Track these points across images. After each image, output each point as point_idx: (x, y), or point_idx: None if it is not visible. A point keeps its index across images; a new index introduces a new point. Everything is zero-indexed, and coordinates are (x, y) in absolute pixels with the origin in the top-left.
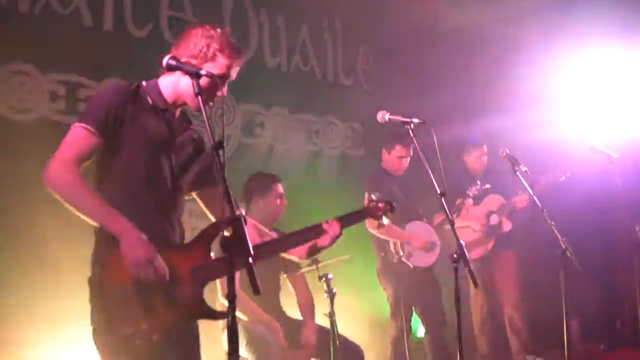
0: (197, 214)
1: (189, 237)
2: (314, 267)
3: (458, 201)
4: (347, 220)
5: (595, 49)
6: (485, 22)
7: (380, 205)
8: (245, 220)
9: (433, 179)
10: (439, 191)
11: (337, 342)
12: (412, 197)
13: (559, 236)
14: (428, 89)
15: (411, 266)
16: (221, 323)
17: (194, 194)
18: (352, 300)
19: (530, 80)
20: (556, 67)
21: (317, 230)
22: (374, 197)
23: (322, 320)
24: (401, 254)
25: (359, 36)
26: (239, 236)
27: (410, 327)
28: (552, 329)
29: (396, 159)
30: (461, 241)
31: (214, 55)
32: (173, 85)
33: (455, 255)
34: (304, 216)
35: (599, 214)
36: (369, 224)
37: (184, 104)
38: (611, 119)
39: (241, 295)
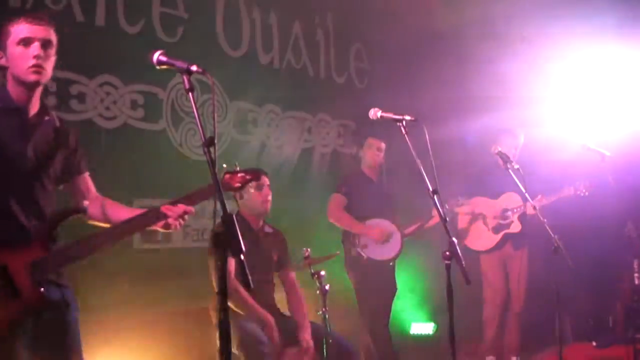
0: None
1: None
2: (305, 263)
3: (434, 211)
4: (199, 195)
5: (588, 47)
6: (478, 20)
7: (237, 176)
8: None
9: (425, 176)
10: (430, 188)
11: (330, 339)
12: (384, 200)
13: (552, 234)
14: (421, 87)
15: (365, 257)
16: (215, 320)
17: (61, 187)
18: (345, 295)
19: (523, 78)
20: (549, 66)
21: (158, 214)
22: (236, 167)
23: (314, 317)
24: (357, 244)
25: (352, 34)
26: (230, 232)
27: (369, 321)
28: (544, 326)
29: (368, 151)
30: (453, 239)
31: (7, 31)
32: (12, 79)
33: (447, 253)
34: (296, 213)
35: (591, 212)
36: (329, 215)
37: (32, 88)
38: (603, 117)
39: (239, 289)
